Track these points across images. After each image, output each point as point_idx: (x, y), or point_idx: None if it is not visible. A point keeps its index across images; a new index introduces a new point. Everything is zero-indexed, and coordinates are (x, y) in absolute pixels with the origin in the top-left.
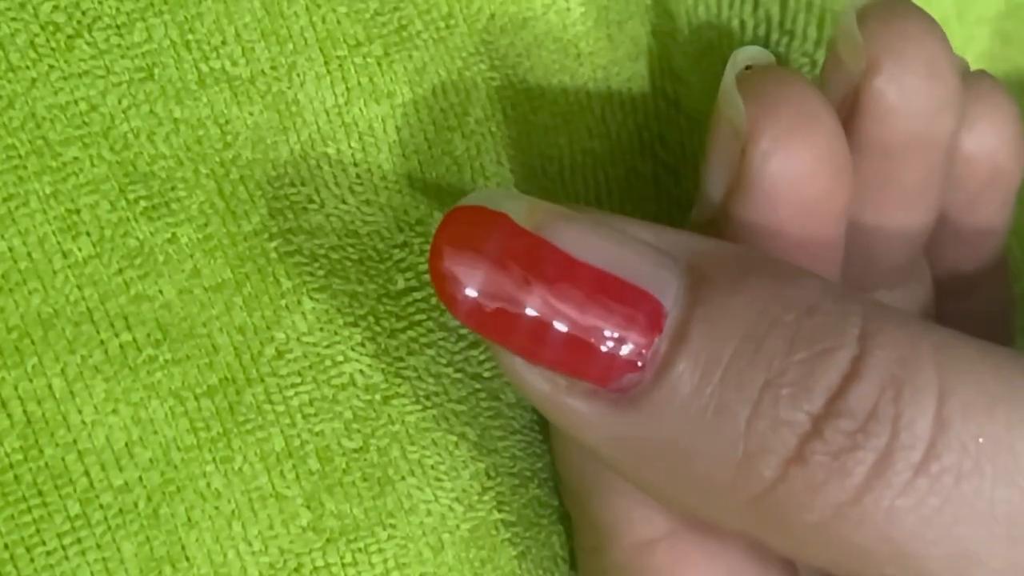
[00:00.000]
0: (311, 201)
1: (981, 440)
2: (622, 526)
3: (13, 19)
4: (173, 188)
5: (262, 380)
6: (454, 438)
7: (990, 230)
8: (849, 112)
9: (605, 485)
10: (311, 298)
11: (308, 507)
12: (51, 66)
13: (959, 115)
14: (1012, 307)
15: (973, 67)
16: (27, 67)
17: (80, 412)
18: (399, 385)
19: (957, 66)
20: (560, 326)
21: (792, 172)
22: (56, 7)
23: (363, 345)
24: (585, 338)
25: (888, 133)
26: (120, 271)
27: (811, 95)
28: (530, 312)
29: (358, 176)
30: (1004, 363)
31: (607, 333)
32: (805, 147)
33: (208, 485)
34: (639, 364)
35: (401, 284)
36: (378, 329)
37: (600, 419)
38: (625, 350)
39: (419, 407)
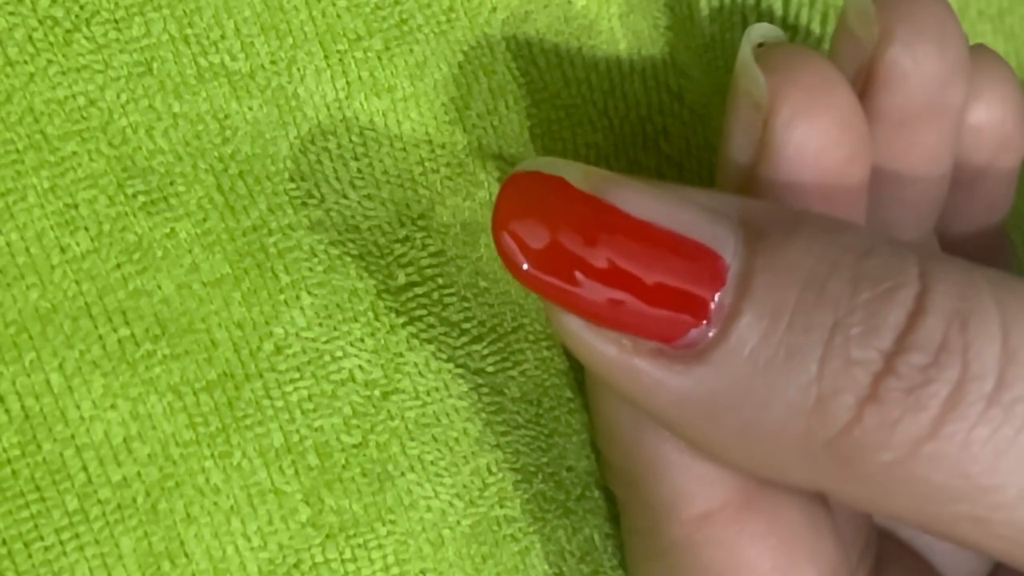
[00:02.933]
0: (311, 196)
1: None
2: (679, 501)
3: (11, 13)
4: (172, 183)
5: (261, 375)
6: (455, 434)
7: (995, 205)
8: (863, 85)
9: (659, 461)
10: (310, 293)
11: (307, 503)
12: (49, 61)
13: (968, 82)
14: None
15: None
16: (25, 62)
17: (78, 407)
18: (399, 381)
19: (964, 32)
20: (624, 285)
21: (816, 139)
22: (54, 1)
23: (363, 340)
24: (649, 296)
25: (903, 101)
26: (118, 266)
27: (827, 66)
28: (594, 273)
29: (359, 171)
30: None
31: (672, 289)
32: (827, 115)
33: (207, 480)
34: (705, 319)
35: (402, 279)
36: (378, 324)
37: (668, 379)
38: (689, 304)
39: (419, 403)
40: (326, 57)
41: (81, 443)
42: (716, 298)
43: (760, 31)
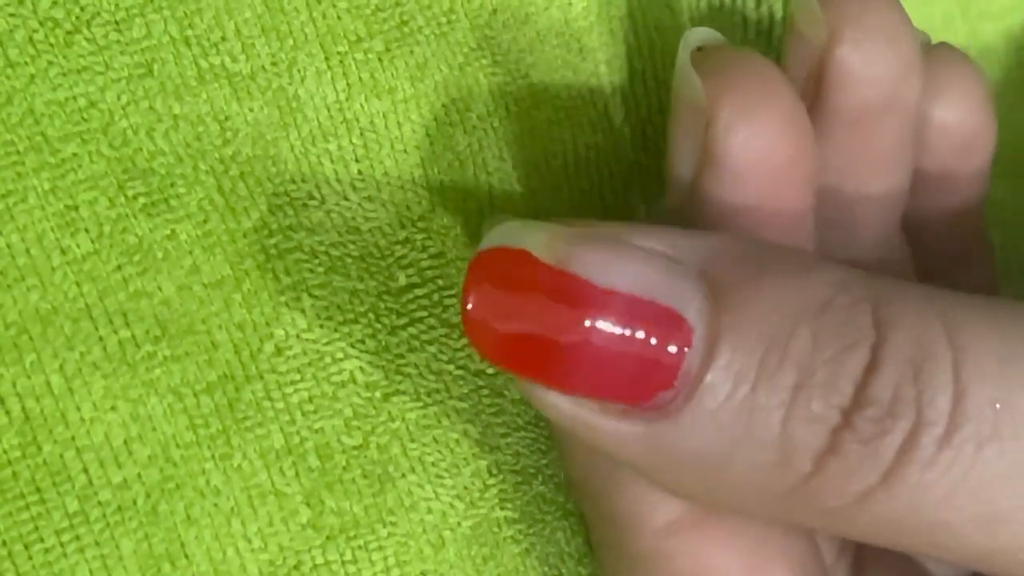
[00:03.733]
0: (311, 197)
1: (998, 405)
2: (642, 514)
3: (12, 15)
4: (172, 184)
5: (261, 377)
6: (455, 435)
7: (967, 203)
8: (816, 86)
9: (619, 476)
10: (311, 295)
11: (308, 504)
12: (50, 62)
13: (922, 78)
14: (996, 287)
15: (978, 63)
16: (26, 63)
17: (79, 409)
18: (400, 382)
19: (915, 30)
20: (591, 355)
21: (757, 141)
22: (55, 3)
23: (363, 342)
24: (616, 363)
25: (856, 101)
26: (119, 267)
27: (766, 67)
28: (561, 345)
29: (359, 172)
30: (1007, 319)
31: (638, 356)
32: (767, 115)
33: (207, 482)
34: (672, 384)
35: (403, 281)
36: (379, 326)
37: (635, 437)
38: (657, 370)
39: (420, 404)
40: (327, 59)
41: (81, 445)
42: (683, 362)
43: (698, 35)
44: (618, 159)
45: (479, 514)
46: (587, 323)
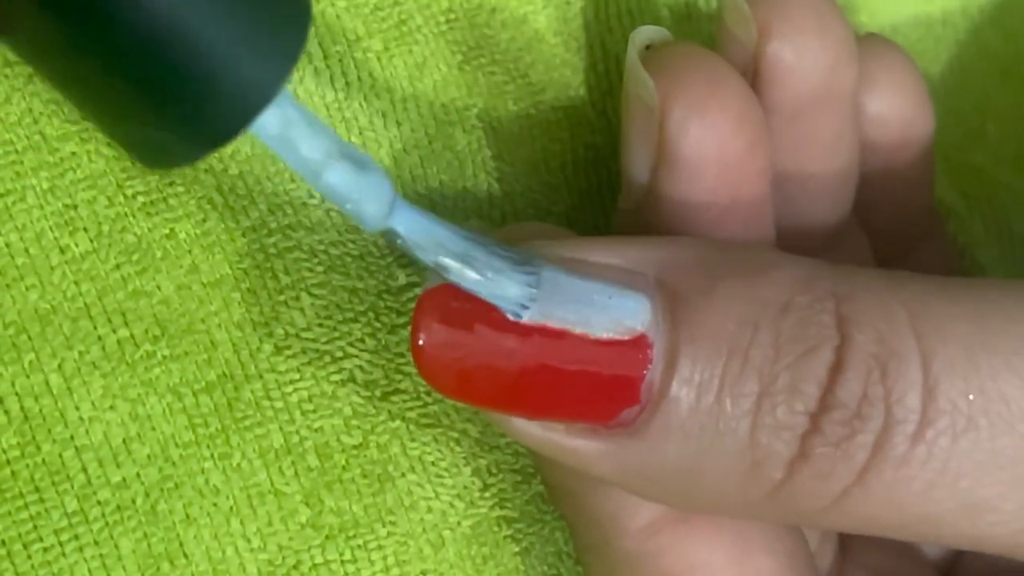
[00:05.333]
0: (311, 196)
1: (971, 396)
2: (624, 514)
3: None
4: (171, 184)
5: (261, 376)
6: (455, 435)
7: (913, 186)
8: (751, 83)
9: (596, 480)
10: (310, 294)
11: (307, 504)
12: None
13: (856, 63)
14: (958, 261)
15: (978, 62)
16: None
17: (78, 408)
18: (399, 381)
19: (845, 19)
20: (548, 381)
21: (711, 135)
22: None
23: (363, 341)
24: (575, 385)
25: (792, 94)
26: (118, 267)
27: (715, 61)
28: (517, 374)
29: None
30: (975, 304)
31: (600, 376)
32: (719, 109)
33: (206, 482)
34: (635, 400)
35: (402, 279)
36: (378, 325)
37: (603, 454)
38: (618, 388)
39: (420, 403)
40: (325, 58)
41: (80, 444)
42: (644, 378)
43: (646, 34)
44: (616, 159)
45: (479, 513)
46: (543, 353)
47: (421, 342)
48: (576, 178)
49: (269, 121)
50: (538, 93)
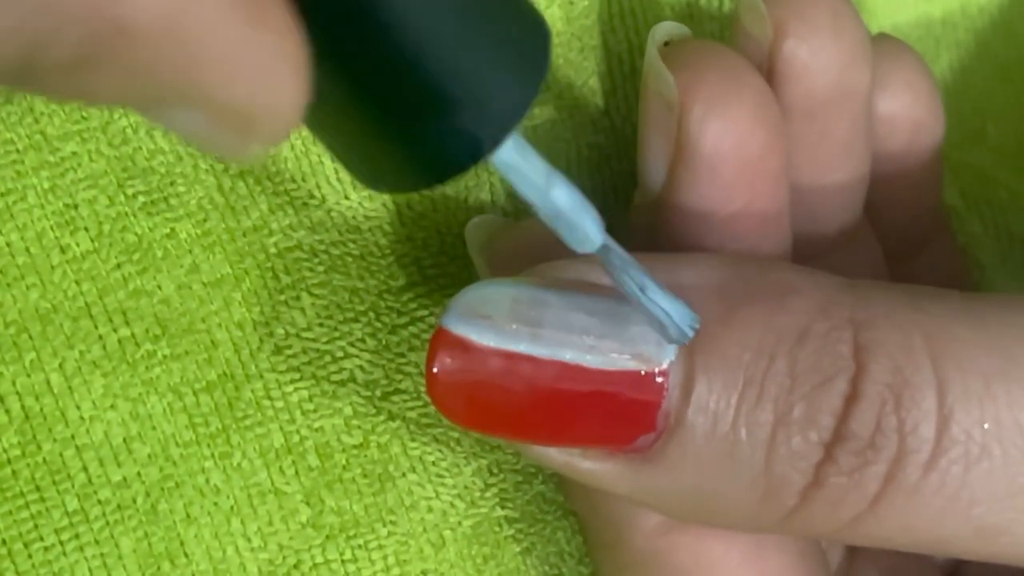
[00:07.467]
0: (312, 196)
1: (986, 425)
2: (638, 512)
3: None
4: (172, 183)
5: (261, 376)
6: (456, 434)
7: (923, 186)
8: (767, 82)
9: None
10: (311, 294)
11: (307, 503)
12: None
13: (871, 64)
14: (963, 263)
15: (978, 63)
16: None
17: (78, 407)
18: (400, 381)
19: (860, 19)
20: (564, 410)
21: (730, 132)
22: None
23: (363, 341)
24: (592, 413)
25: (807, 93)
26: (119, 266)
27: (735, 58)
28: (533, 404)
29: None
30: (998, 329)
31: (617, 406)
32: (739, 106)
33: (207, 481)
34: (651, 428)
35: (403, 279)
36: (379, 325)
37: (620, 475)
38: (634, 416)
39: (420, 403)
40: None
41: (81, 443)
42: (661, 406)
43: (665, 30)
44: (619, 159)
45: (480, 513)
46: (560, 387)
47: (435, 369)
48: (579, 178)
49: (507, 143)
50: (541, 93)
